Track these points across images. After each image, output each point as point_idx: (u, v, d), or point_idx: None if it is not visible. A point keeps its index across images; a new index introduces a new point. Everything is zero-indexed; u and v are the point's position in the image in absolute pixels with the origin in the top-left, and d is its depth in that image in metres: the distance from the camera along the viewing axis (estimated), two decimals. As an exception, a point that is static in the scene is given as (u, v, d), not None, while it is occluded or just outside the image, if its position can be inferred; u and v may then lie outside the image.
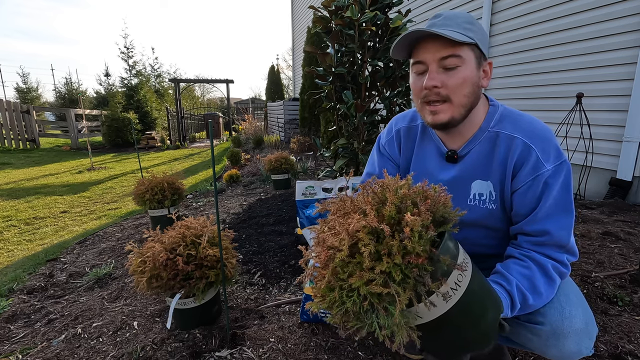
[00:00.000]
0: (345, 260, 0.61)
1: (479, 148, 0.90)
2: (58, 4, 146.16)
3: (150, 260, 1.27)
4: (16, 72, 35.00)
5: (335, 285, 0.62)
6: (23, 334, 1.50)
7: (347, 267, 0.61)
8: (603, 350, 1.16)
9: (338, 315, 0.62)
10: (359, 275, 0.58)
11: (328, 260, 0.63)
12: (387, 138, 1.09)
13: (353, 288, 0.60)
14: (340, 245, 0.61)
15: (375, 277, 0.58)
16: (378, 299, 0.58)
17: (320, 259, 0.64)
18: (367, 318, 0.60)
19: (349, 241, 0.60)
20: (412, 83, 0.89)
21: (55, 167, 7.38)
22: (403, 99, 2.07)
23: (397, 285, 0.58)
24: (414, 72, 0.87)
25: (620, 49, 2.79)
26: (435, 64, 0.81)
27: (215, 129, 13.69)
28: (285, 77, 22.84)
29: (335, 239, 0.63)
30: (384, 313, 0.58)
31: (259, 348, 1.26)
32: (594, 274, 1.62)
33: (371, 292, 0.58)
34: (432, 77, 0.81)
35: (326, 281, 0.63)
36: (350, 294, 0.60)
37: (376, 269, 0.58)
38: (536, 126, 0.85)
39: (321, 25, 2.00)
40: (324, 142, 4.91)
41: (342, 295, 0.61)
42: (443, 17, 0.83)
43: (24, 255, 2.72)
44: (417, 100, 0.88)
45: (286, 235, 2.41)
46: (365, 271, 0.58)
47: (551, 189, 0.80)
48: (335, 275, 0.62)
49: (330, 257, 0.63)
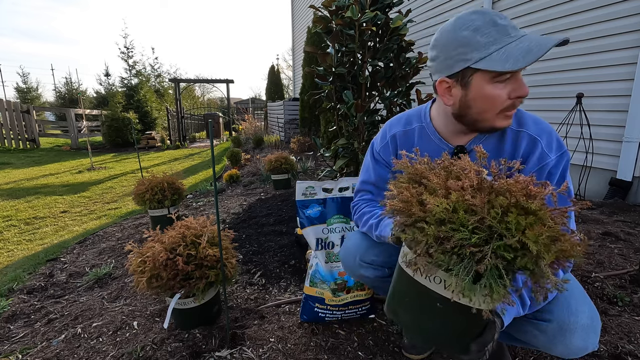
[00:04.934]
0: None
1: (486, 143, 0.92)
2: (57, 3, 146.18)
3: (150, 260, 1.27)
4: (16, 72, 35.07)
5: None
6: (23, 334, 1.50)
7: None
8: (603, 351, 1.16)
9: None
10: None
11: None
12: (382, 144, 1.08)
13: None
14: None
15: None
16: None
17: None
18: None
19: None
20: (492, 95, 0.80)
21: (55, 167, 7.38)
22: (403, 99, 2.07)
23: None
24: (496, 82, 0.79)
25: (621, 49, 2.79)
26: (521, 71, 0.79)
27: (215, 129, 13.69)
28: (285, 77, 22.85)
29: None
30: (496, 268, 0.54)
31: (259, 348, 1.26)
32: (594, 274, 1.62)
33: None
34: (526, 86, 0.78)
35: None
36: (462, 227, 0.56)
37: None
38: (539, 121, 0.90)
39: (321, 25, 2.00)
40: (324, 142, 4.91)
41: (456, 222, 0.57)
42: (515, 26, 0.80)
43: (24, 255, 2.72)
44: (495, 110, 0.81)
45: (286, 235, 2.41)
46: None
47: (554, 176, 0.86)
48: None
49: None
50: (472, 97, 0.82)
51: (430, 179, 0.64)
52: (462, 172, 0.62)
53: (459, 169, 0.64)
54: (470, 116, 0.85)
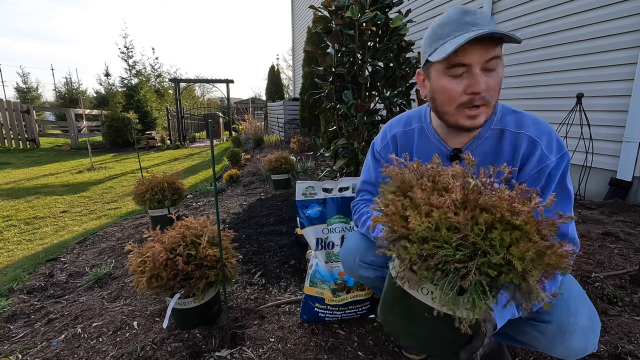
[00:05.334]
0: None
1: (484, 145, 0.91)
2: (57, 3, 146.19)
3: (150, 260, 1.27)
4: (16, 71, 35.06)
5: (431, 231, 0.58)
6: (23, 334, 1.50)
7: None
8: (603, 351, 1.16)
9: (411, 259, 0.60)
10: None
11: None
12: (383, 144, 1.09)
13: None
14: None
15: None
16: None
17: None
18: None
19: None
20: (445, 87, 0.82)
21: (55, 166, 7.38)
22: (403, 99, 2.07)
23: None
24: (448, 76, 0.81)
25: (621, 49, 2.79)
26: (480, 66, 0.77)
27: (215, 129, 13.69)
28: (285, 77, 22.85)
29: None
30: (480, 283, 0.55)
31: (259, 348, 1.26)
32: (594, 274, 1.62)
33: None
34: (481, 82, 0.77)
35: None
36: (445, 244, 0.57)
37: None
38: (538, 121, 0.89)
39: (321, 25, 1.99)
40: (324, 142, 4.91)
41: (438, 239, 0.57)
42: (480, 14, 0.78)
43: (24, 255, 2.72)
44: (452, 105, 0.83)
45: (286, 235, 2.41)
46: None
47: (554, 178, 0.85)
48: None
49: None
50: (434, 88, 0.86)
51: (415, 192, 0.63)
52: (451, 182, 0.61)
53: (448, 178, 0.62)
54: (437, 110, 0.89)
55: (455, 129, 0.89)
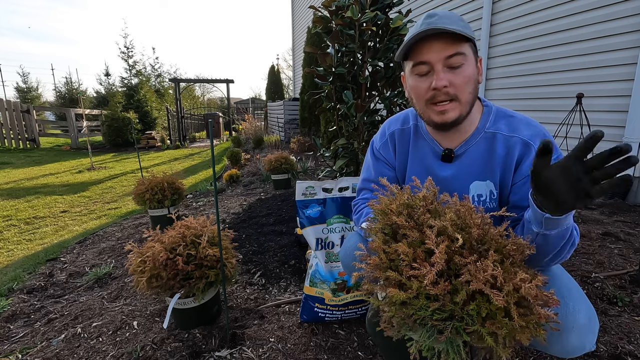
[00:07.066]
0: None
1: (476, 147, 0.92)
2: (57, 3, 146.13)
3: (150, 260, 1.27)
4: (16, 71, 35.08)
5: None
6: (23, 334, 1.50)
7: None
8: (603, 351, 1.16)
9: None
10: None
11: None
12: (382, 142, 1.09)
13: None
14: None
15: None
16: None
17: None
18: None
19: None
20: (414, 86, 0.87)
21: (55, 166, 7.38)
22: (403, 99, 2.07)
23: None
24: (415, 74, 0.85)
25: (621, 50, 2.79)
26: (441, 63, 0.81)
27: (215, 129, 13.69)
28: (285, 77, 22.84)
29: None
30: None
31: (259, 348, 1.26)
32: (594, 274, 1.62)
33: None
34: (441, 77, 0.80)
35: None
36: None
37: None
38: (532, 124, 0.90)
39: (321, 25, 2.00)
40: (324, 142, 4.91)
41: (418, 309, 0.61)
42: (438, 16, 0.82)
43: (23, 254, 2.72)
44: (421, 102, 0.87)
45: (286, 235, 2.41)
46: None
47: None
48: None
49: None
50: (408, 88, 0.91)
51: (399, 247, 0.65)
52: (433, 247, 0.62)
53: (432, 239, 0.63)
54: (415, 109, 0.93)
55: (433, 127, 0.91)
